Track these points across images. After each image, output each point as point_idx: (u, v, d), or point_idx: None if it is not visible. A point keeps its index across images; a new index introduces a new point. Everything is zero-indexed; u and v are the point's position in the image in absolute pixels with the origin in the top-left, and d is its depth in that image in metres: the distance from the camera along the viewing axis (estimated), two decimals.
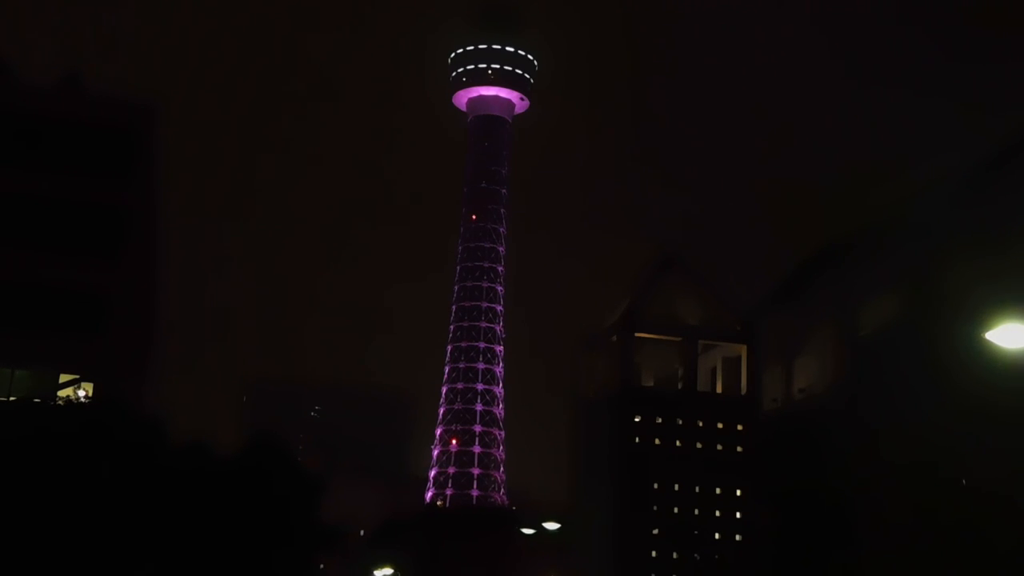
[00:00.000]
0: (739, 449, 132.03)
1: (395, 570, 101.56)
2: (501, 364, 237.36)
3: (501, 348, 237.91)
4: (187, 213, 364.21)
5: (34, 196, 58.16)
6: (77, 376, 57.71)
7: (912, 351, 65.80)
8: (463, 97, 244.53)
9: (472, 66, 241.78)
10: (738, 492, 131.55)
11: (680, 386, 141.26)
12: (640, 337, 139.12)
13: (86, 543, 38.42)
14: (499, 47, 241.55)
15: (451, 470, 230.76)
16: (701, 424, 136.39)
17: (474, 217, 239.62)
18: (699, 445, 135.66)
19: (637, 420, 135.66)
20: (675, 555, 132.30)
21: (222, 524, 41.50)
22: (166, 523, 39.81)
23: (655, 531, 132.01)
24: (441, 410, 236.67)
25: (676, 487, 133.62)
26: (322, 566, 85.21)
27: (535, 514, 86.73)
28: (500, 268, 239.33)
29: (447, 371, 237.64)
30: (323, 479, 53.13)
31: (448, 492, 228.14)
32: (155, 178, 66.73)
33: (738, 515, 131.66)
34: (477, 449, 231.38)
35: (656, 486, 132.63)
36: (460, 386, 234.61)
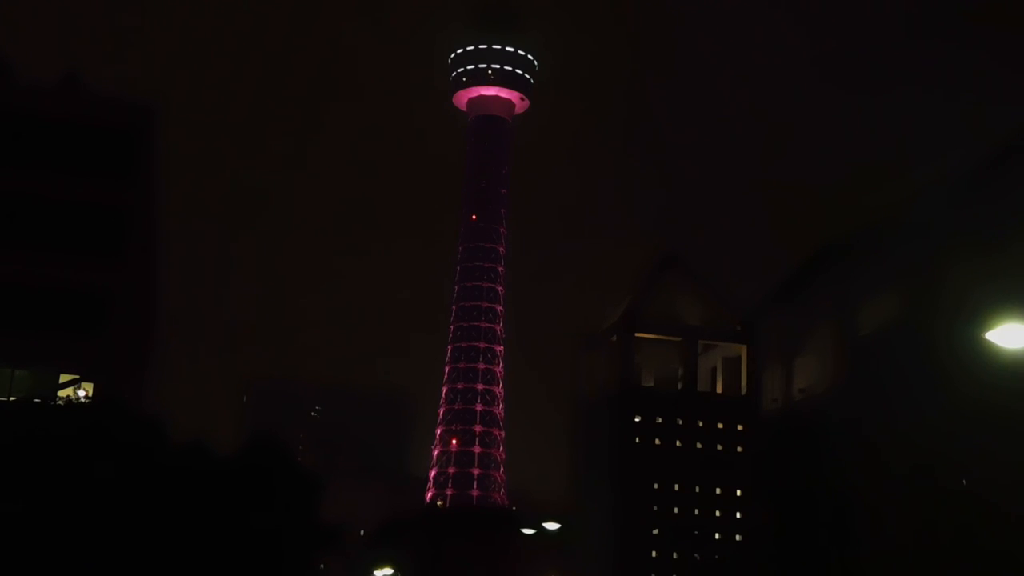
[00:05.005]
0: (739, 449, 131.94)
1: (395, 570, 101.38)
2: (501, 364, 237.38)
3: (501, 348, 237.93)
4: (187, 213, 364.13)
5: (34, 196, 58.21)
6: (77, 376, 57.76)
7: (912, 351, 65.74)
8: (463, 97, 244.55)
9: (472, 66, 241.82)
10: (738, 492, 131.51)
11: (680, 386, 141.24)
12: (640, 337, 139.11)
13: (86, 543, 38.42)
14: (499, 47, 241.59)
15: (451, 470, 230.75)
16: (701, 424, 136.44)
17: (474, 217, 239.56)
18: (699, 445, 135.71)
19: (637, 420, 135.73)
20: (675, 555, 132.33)
21: (222, 524, 41.50)
22: (166, 523, 39.81)
23: (655, 531, 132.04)
24: (441, 410, 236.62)
25: (676, 487, 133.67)
26: (322, 566, 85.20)
27: (535, 514, 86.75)
28: (500, 268, 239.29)
29: (447, 371, 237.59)
30: (323, 479, 53.24)
31: (448, 492, 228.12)
32: (155, 178, 66.75)
33: (738, 515, 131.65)
34: (477, 449, 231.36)
35: (656, 486, 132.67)
36: (460, 386, 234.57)
